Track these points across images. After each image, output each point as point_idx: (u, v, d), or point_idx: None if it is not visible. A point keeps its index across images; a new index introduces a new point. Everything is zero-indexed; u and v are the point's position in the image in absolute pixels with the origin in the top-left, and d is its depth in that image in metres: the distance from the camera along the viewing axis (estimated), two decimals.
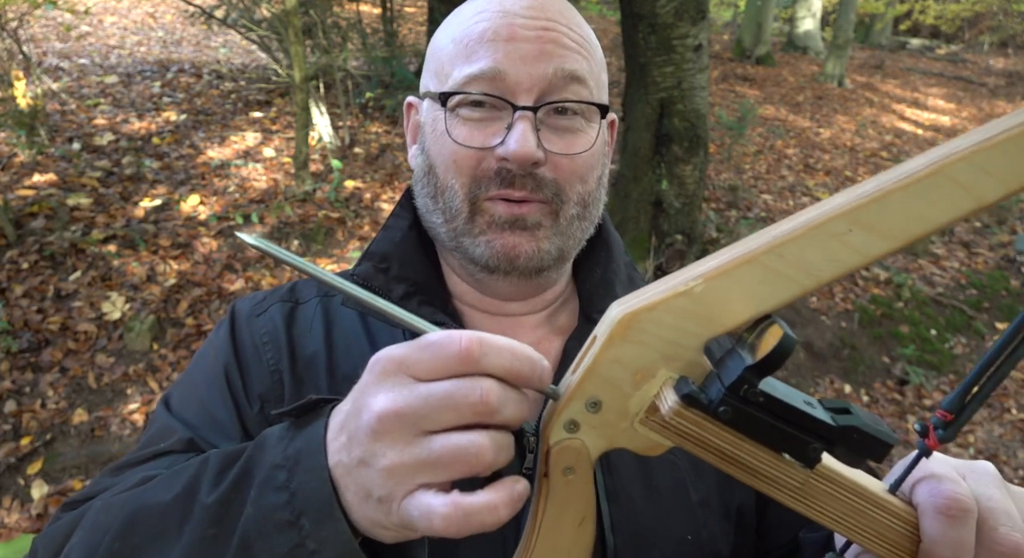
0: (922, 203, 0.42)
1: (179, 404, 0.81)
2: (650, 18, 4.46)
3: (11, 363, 3.53)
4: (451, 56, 0.78)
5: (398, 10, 8.58)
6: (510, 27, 0.75)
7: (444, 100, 0.77)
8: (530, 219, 0.77)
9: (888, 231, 0.43)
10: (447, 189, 0.78)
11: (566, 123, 0.78)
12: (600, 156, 0.83)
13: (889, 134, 9.80)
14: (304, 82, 5.24)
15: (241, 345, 0.83)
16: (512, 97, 0.75)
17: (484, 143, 0.76)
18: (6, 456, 3.17)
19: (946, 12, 17.39)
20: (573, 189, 0.79)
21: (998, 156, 0.41)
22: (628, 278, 0.91)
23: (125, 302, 3.94)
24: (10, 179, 4.66)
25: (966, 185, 0.41)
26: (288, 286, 0.91)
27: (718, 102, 9.27)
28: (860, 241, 0.44)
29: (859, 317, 5.49)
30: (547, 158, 0.76)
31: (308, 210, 5.03)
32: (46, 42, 7.63)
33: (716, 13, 15.80)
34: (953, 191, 0.42)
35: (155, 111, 6.07)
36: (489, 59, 0.74)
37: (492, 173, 0.76)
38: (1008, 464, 4.36)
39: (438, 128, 0.78)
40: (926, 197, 0.42)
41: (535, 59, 0.74)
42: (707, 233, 5.72)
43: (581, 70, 0.76)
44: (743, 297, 0.46)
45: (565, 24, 0.77)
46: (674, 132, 4.66)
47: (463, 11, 0.81)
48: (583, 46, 0.78)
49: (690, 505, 0.80)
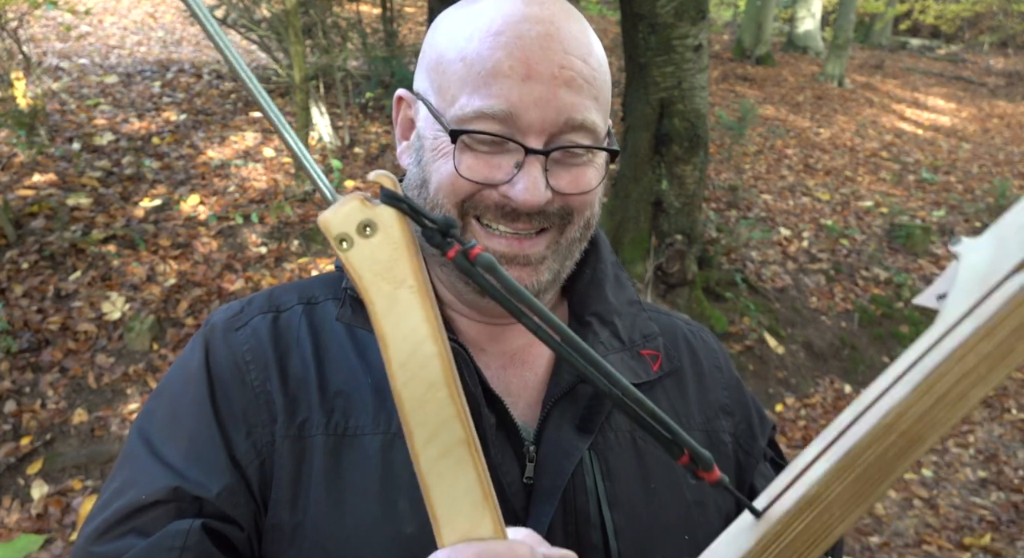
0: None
1: (159, 439, 0.76)
2: (650, 18, 4.46)
3: (11, 363, 3.53)
4: (460, 78, 0.75)
5: (398, 10, 8.58)
6: (526, 65, 0.72)
7: (454, 137, 0.74)
8: (534, 256, 0.77)
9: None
10: (438, 207, 0.77)
11: (574, 161, 0.77)
12: (602, 180, 0.82)
13: (889, 134, 9.80)
14: (304, 82, 5.24)
15: (221, 364, 0.78)
16: (523, 138, 0.73)
17: (489, 178, 0.74)
18: (6, 456, 3.17)
19: (946, 12, 17.39)
20: (581, 216, 0.79)
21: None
22: (615, 278, 0.91)
23: (125, 302, 3.94)
24: (10, 179, 4.66)
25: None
26: (265, 294, 0.86)
27: (718, 102, 9.27)
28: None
29: (859, 317, 5.49)
30: (554, 198, 0.76)
31: (308, 210, 5.03)
32: (46, 42, 7.63)
33: (716, 13, 15.80)
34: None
35: (155, 111, 6.07)
36: (503, 99, 0.72)
37: (492, 203, 0.75)
38: (1008, 464, 4.36)
39: (440, 149, 0.76)
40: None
41: (547, 104, 0.73)
42: (707, 233, 5.72)
43: (590, 119, 0.75)
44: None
45: (580, 57, 0.75)
46: (674, 132, 4.66)
47: (476, 22, 0.76)
48: (595, 81, 0.77)
49: (686, 505, 0.81)
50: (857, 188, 7.69)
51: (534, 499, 0.74)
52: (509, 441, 0.76)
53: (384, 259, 0.49)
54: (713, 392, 0.92)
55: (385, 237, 0.49)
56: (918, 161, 8.91)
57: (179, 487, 0.71)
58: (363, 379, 0.77)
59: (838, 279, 5.86)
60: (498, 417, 0.76)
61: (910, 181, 8.24)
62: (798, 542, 0.45)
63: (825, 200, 7.21)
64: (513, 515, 0.73)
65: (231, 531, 0.71)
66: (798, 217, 6.73)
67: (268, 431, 0.75)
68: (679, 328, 0.96)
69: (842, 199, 7.33)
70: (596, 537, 0.75)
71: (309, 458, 0.74)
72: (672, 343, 0.92)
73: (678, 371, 0.89)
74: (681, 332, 0.96)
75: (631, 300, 0.90)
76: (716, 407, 0.90)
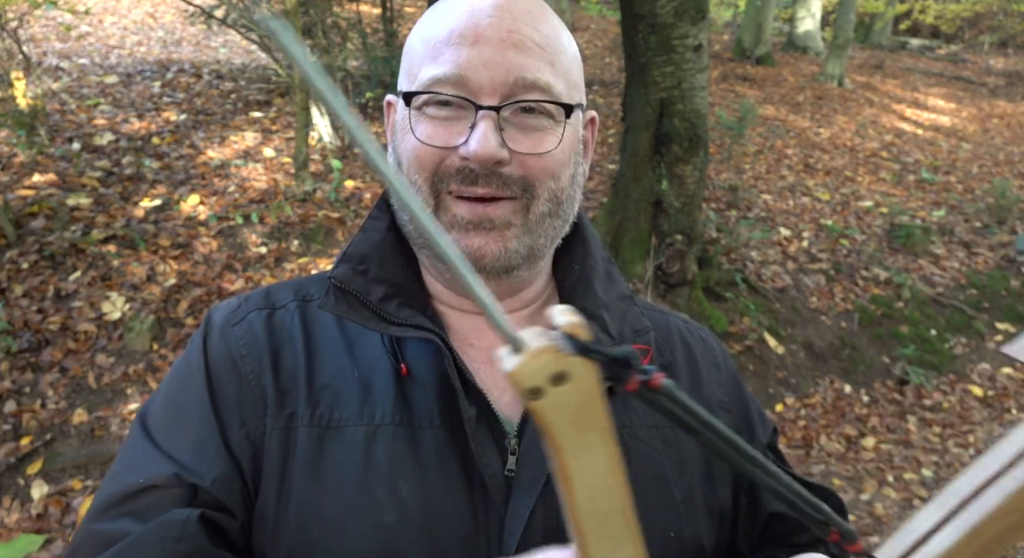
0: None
1: (159, 429, 0.78)
2: (650, 18, 4.46)
3: (11, 363, 3.53)
4: (420, 56, 0.78)
5: (398, 10, 8.58)
6: (475, 29, 0.75)
7: (408, 100, 0.78)
8: (498, 219, 0.77)
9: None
10: (411, 185, 0.78)
11: (532, 122, 0.77)
12: (571, 154, 0.82)
13: (889, 134, 9.81)
14: (304, 82, 5.24)
15: (218, 358, 0.81)
16: (475, 98, 0.75)
17: (447, 142, 0.76)
18: (6, 456, 3.17)
19: (946, 12, 17.39)
20: (544, 186, 0.78)
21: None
22: (606, 273, 0.90)
23: (125, 302, 3.94)
24: (10, 179, 4.67)
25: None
26: (262, 291, 0.88)
27: (718, 102, 9.27)
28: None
29: (859, 317, 5.49)
30: (512, 157, 0.76)
31: (308, 210, 5.03)
32: (46, 42, 7.63)
33: (716, 13, 15.81)
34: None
35: (155, 111, 6.07)
36: (452, 63, 0.75)
37: (454, 170, 0.76)
38: None
39: (404, 126, 0.79)
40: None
41: (496, 65, 0.74)
42: (707, 233, 5.72)
43: (542, 79, 0.76)
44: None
45: (531, 24, 0.77)
46: (674, 132, 4.66)
47: (436, 9, 0.81)
48: (548, 46, 0.78)
49: (673, 502, 0.81)
50: (857, 188, 7.69)
51: (514, 491, 0.74)
52: (491, 434, 0.76)
53: (574, 405, 0.50)
54: (708, 388, 0.92)
55: (577, 386, 0.49)
56: (918, 161, 8.90)
57: (176, 474, 0.73)
58: (350, 373, 0.79)
59: (838, 279, 5.86)
60: (480, 410, 0.77)
61: (910, 181, 8.24)
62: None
63: (825, 200, 7.21)
64: (494, 508, 0.73)
65: (225, 520, 0.73)
66: (798, 217, 6.73)
67: (260, 422, 0.76)
68: (674, 324, 0.96)
69: (842, 199, 7.33)
70: None
71: (294, 449, 0.75)
72: (665, 338, 0.92)
73: (669, 365, 0.89)
74: (676, 328, 0.95)
75: (622, 295, 0.90)
76: (712, 404, 0.90)
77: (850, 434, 4.44)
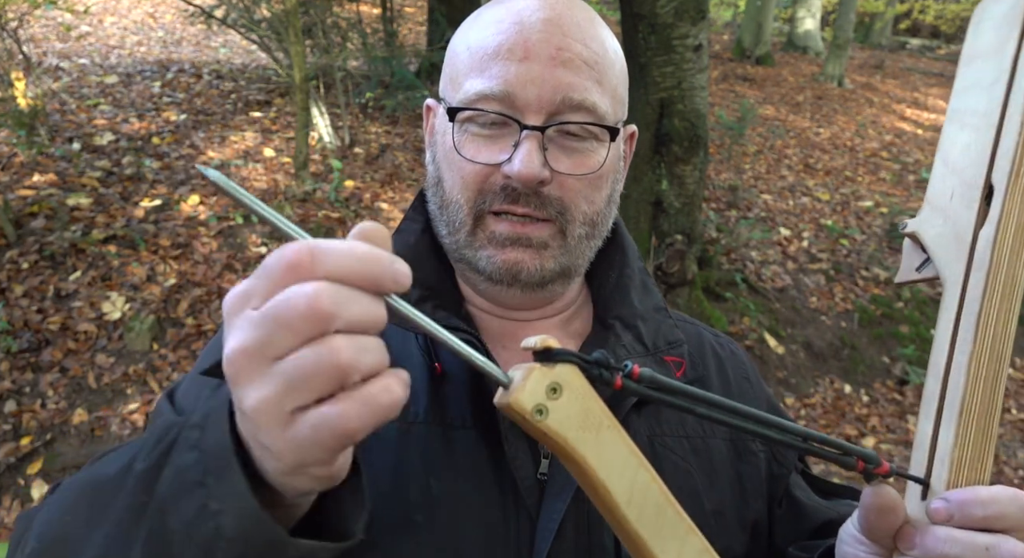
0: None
1: (182, 395, 0.79)
2: (650, 18, 4.46)
3: (11, 363, 3.53)
4: (465, 66, 0.78)
5: (398, 10, 8.58)
6: (524, 45, 0.74)
7: (452, 115, 0.77)
8: (536, 239, 0.78)
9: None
10: (452, 203, 0.79)
11: (576, 144, 0.77)
12: (611, 174, 0.82)
13: (889, 134, 9.80)
14: (304, 82, 5.24)
15: None
16: (521, 116, 0.75)
17: (491, 159, 0.76)
18: (6, 456, 3.17)
19: (946, 12, 17.39)
20: (578, 209, 0.78)
21: None
22: (642, 283, 0.91)
23: (125, 302, 3.94)
24: (10, 179, 4.66)
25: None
26: None
27: (718, 102, 9.27)
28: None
29: (859, 317, 5.49)
30: (553, 177, 0.76)
31: (308, 210, 5.03)
32: (46, 42, 7.63)
33: (716, 13, 15.80)
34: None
35: (155, 111, 6.07)
36: (500, 79, 0.74)
37: (498, 188, 0.76)
38: (1008, 464, 4.36)
39: (447, 142, 0.79)
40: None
41: (544, 82, 0.74)
42: (707, 233, 5.72)
43: (589, 99, 0.75)
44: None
45: (580, 40, 0.76)
46: (674, 132, 4.66)
47: (483, 16, 0.80)
48: (597, 64, 0.77)
49: (704, 514, 0.80)
50: (857, 188, 7.69)
51: (547, 495, 0.74)
52: (525, 437, 0.76)
53: (577, 410, 0.52)
54: (741, 402, 0.92)
55: (571, 392, 0.51)
56: (918, 161, 8.90)
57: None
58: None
59: (838, 279, 5.86)
60: None
61: (910, 181, 8.24)
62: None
63: (825, 200, 7.21)
64: (525, 511, 0.73)
65: None
66: (798, 217, 6.73)
67: None
68: (706, 337, 0.97)
69: (842, 199, 7.33)
70: (608, 539, 0.75)
71: None
72: (698, 351, 0.92)
73: (703, 379, 0.89)
74: (708, 341, 0.96)
75: (657, 306, 0.90)
76: None
77: (850, 434, 4.44)
